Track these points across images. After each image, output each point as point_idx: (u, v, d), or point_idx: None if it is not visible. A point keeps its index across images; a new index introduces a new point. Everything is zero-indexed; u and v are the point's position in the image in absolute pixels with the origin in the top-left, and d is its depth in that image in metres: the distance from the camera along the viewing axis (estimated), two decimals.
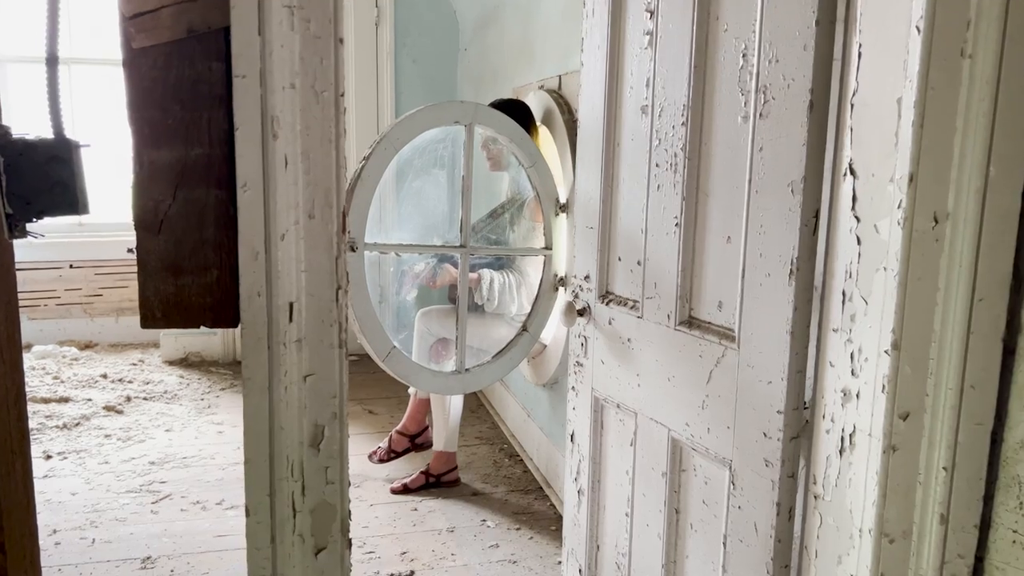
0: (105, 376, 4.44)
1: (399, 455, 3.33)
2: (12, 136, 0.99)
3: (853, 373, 1.18)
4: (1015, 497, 1.09)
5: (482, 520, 2.96)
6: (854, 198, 1.16)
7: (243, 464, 1.09)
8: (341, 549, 1.13)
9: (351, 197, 2.34)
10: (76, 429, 3.71)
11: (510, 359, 2.80)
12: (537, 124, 2.95)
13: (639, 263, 1.69)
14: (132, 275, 5.13)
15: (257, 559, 1.09)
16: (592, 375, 1.88)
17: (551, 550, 2.73)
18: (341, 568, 1.13)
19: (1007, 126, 1.05)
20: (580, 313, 1.90)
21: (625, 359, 1.74)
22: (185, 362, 4.82)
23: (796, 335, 1.29)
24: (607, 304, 1.80)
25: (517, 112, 2.85)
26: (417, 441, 3.35)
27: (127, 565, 2.58)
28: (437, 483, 3.20)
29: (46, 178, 0.99)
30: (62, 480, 3.19)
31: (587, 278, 1.88)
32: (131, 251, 1.03)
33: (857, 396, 1.18)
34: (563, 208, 2.79)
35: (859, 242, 1.16)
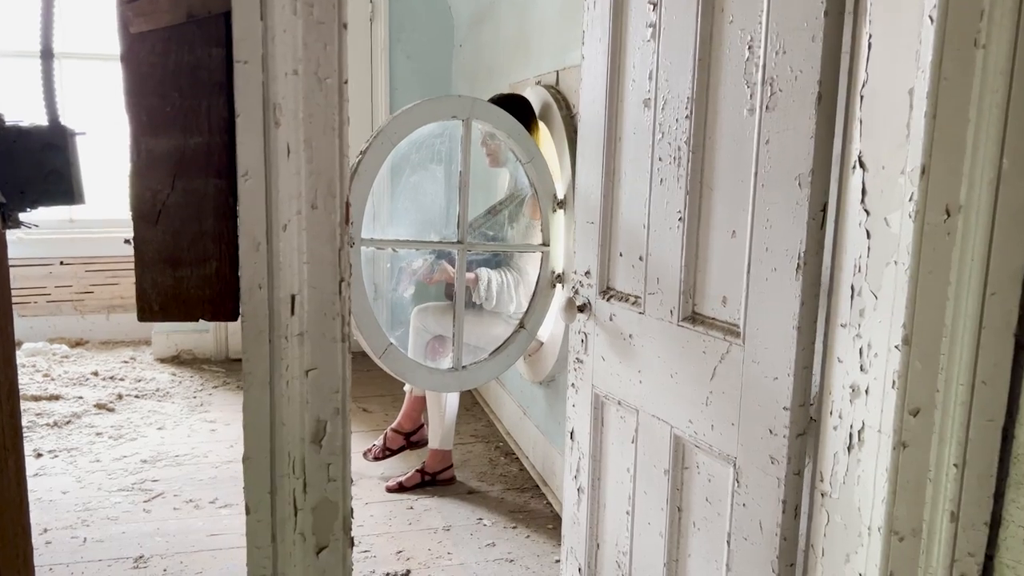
0: (96, 374, 4.39)
1: (394, 453, 3.31)
2: (5, 123, 0.96)
3: (862, 369, 1.17)
4: None
5: (478, 519, 2.94)
6: (863, 191, 1.15)
7: (239, 462, 1.07)
8: (343, 548, 1.10)
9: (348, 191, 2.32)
10: (67, 427, 3.66)
11: (507, 356, 2.78)
12: (538, 120, 2.92)
13: (641, 258, 1.67)
14: (123, 272, 5.11)
15: (257, 558, 1.07)
16: (592, 372, 1.86)
17: (548, 548, 2.71)
18: (343, 567, 1.10)
19: (1020, 118, 1.04)
20: (580, 309, 1.88)
21: (626, 355, 1.72)
22: (177, 360, 4.78)
23: (803, 330, 1.28)
24: (608, 300, 1.79)
25: (518, 107, 2.82)
26: (412, 439, 3.32)
27: (119, 564, 2.55)
28: (433, 481, 3.17)
29: (40, 167, 0.96)
30: (53, 478, 3.15)
31: (587, 274, 1.87)
32: (128, 242, 1.01)
33: (866, 392, 1.16)
34: (561, 204, 2.77)
35: (869, 236, 1.14)
